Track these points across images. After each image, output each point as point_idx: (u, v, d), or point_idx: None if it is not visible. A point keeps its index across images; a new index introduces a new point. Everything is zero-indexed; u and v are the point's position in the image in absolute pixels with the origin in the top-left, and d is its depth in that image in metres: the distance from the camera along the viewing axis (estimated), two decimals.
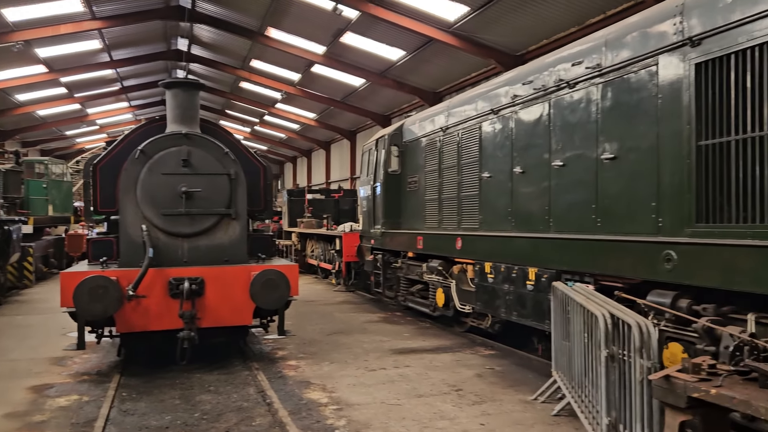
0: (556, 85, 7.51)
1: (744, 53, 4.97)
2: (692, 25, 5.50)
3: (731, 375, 3.61)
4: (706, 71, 5.34)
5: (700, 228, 5.32)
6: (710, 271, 5.07)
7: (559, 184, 7.41)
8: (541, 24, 14.97)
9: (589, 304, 4.89)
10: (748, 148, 4.91)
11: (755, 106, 4.86)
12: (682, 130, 5.55)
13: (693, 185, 5.40)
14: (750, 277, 4.70)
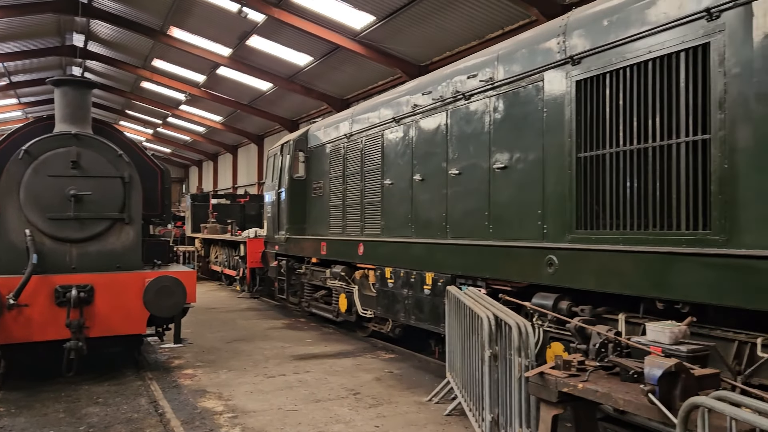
0: (453, 96, 7.78)
1: (617, 73, 5.39)
2: (573, 45, 5.89)
3: (597, 370, 3.90)
4: (586, 88, 5.73)
5: (579, 234, 5.68)
6: (587, 274, 5.44)
7: (456, 192, 7.67)
8: (444, 36, 15.45)
9: (476, 307, 5.11)
10: (620, 161, 5.32)
11: (626, 122, 5.27)
12: (564, 143, 5.92)
13: (573, 194, 5.77)
14: (620, 280, 5.09)
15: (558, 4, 12.15)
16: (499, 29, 14.21)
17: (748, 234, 4.25)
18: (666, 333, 3.67)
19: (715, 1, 4.57)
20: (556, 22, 6.31)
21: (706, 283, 4.39)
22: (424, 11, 14.40)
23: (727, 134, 4.43)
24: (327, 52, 19.08)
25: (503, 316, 4.60)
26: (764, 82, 4.21)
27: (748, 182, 4.28)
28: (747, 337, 4.26)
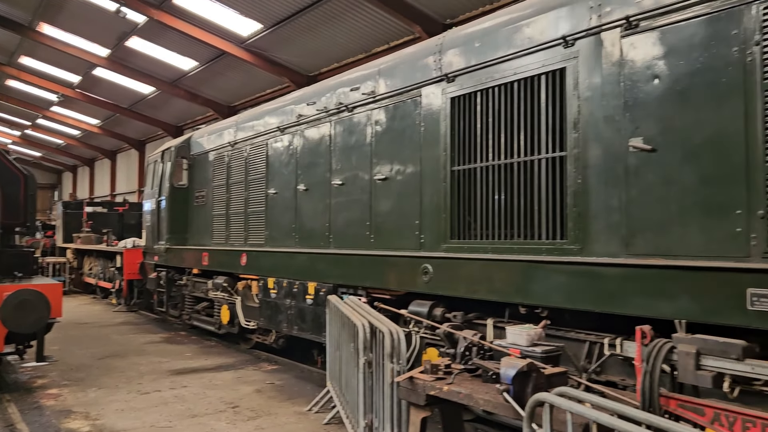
0: (337, 108, 7.88)
1: (487, 91, 5.72)
2: (448, 63, 6.18)
3: (462, 373, 4.11)
4: (459, 105, 6.02)
5: (453, 244, 5.95)
6: (459, 282, 5.71)
7: (339, 203, 7.76)
8: (332, 48, 15.60)
9: (353, 315, 5.20)
10: (490, 175, 5.64)
11: (495, 138, 5.60)
12: (439, 156, 6.18)
13: (448, 206, 6.04)
14: (488, 287, 5.39)
15: (440, 23, 12.67)
16: (384, 44, 14.57)
17: (598, 243, 4.66)
18: (523, 336, 3.94)
19: (570, 30, 4.99)
20: (433, 41, 6.60)
21: (561, 289, 4.75)
22: (311, 22, 14.48)
23: (580, 152, 4.84)
24: (212, 58, 18.64)
25: (377, 324, 4.73)
26: (611, 105, 4.65)
27: (598, 196, 4.70)
28: (596, 337, 4.65)
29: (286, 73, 17.43)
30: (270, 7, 14.37)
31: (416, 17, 12.57)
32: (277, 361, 9.59)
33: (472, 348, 4.30)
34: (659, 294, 4.09)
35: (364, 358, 4.75)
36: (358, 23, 14.02)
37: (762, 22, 3.81)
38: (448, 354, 4.62)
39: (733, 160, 3.91)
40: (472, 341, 4.31)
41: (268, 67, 17.25)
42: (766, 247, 3.70)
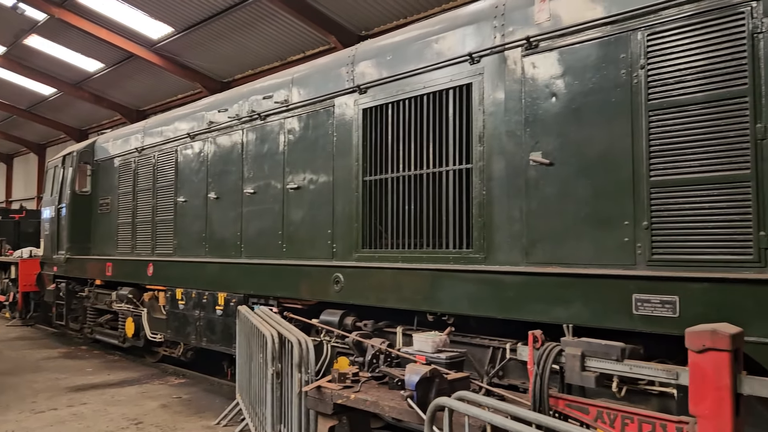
0: (249, 115, 7.78)
1: (398, 104, 5.83)
2: (361, 75, 6.26)
3: (369, 381, 4.16)
4: (371, 116, 6.11)
5: (364, 253, 6.00)
6: (369, 291, 5.76)
7: (251, 211, 7.65)
8: (246, 55, 15.39)
9: (262, 326, 5.14)
10: (401, 185, 5.75)
11: (406, 149, 5.72)
12: (352, 166, 6.23)
13: (360, 215, 6.09)
14: (397, 295, 5.48)
15: (355, 34, 12.80)
16: (300, 53, 14.55)
17: (501, 252, 4.85)
18: (429, 342, 4.04)
19: (476, 47, 5.19)
20: (346, 52, 6.67)
21: (467, 297, 4.91)
22: (225, 28, 14.23)
23: (485, 165, 5.03)
24: (120, 60, 17.91)
25: (287, 334, 4.70)
26: (513, 120, 4.87)
27: (501, 206, 4.89)
28: (499, 342, 4.83)
29: (199, 79, 17.01)
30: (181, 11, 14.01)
31: (332, 28, 12.64)
32: (185, 374, 9.29)
33: (380, 356, 4.36)
34: (556, 300, 4.31)
35: (273, 369, 4.70)
36: (273, 31, 13.92)
37: (647, 47, 4.12)
38: (357, 362, 4.66)
39: (621, 174, 4.19)
40: (379, 349, 4.37)
41: (179, 71, 16.77)
42: (650, 256, 3.99)
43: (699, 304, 3.63)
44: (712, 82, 3.83)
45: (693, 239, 3.84)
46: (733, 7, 3.78)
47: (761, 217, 3.57)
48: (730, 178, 3.70)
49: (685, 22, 3.96)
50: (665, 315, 3.73)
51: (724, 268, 3.66)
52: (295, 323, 5.91)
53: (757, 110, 3.63)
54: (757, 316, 3.42)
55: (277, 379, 4.68)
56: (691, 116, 3.90)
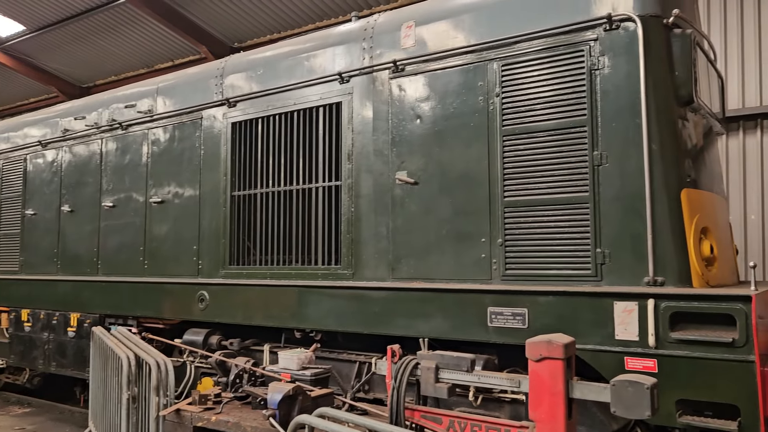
0: (109, 124, 7.34)
1: (269, 119, 5.79)
2: (230, 88, 6.14)
3: (233, 401, 4.06)
4: (241, 130, 6.00)
5: (231, 270, 5.85)
6: (236, 309, 5.63)
7: (109, 226, 7.20)
8: (110, 60, 14.51)
9: (118, 348, 4.84)
10: (270, 201, 5.69)
11: (276, 165, 5.68)
12: (220, 181, 6.08)
13: (227, 231, 5.94)
14: (265, 313, 5.39)
15: (227, 46, 12.53)
16: (169, 61, 13.96)
17: (368, 268, 4.94)
18: (294, 360, 4.02)
19: (346, 67, 5.29)
20: (215, 64, 6.51)
21: (334, 313, 4.94)
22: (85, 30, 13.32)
23: (354, 182, 5.12)
24: None
25: (144, 356, 4.45)
26: (380, 140, 5.00)
27: (369, 223, 4.99)
28: (365, 357, 4.90)
29: (54, 82, 15.75)
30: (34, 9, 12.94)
31: (203, 37, 12.28)
32: (30, 402, 8.48)
33: (244, 375, 4.26)
34: (419, 315, 4.46)
35: (128, 393, 4.43)
36: (139, 37, 13.24)
37: (501, 76, 4.42)
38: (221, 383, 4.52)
39: (479, 194, 4.44)
40: (243, 368, 4.27)
41: (32, 73, 15.43)
42: (504, 271, 4.25)
43: (545, 315, 3.92)
44: (557, 112, 4.18)
45: (541, 255, 4.15)
46: (575, 45, 4.16)
47: (598, 235, 3.94)
48: (572, 200, 4.05)
49: (535, 55, 4.31)
50: (516, 326, 3.99)
51: (567, 282, 3.99)
52: (155, 344, 5.62)
53: (595, 139, 4.01)
54: (594, 325, 3.76)
55: (133, 403, 4.41)
56: (539, 142, 4.23)
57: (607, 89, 4.00)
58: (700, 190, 4.11)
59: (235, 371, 4.28)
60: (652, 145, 3.83)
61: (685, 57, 3.97)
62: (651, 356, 3.55)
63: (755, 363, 3.23)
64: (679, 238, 3.75)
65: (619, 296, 3.71)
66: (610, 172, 3.95)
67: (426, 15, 4.94)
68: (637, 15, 3.92)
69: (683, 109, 4.07)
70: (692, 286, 3.68)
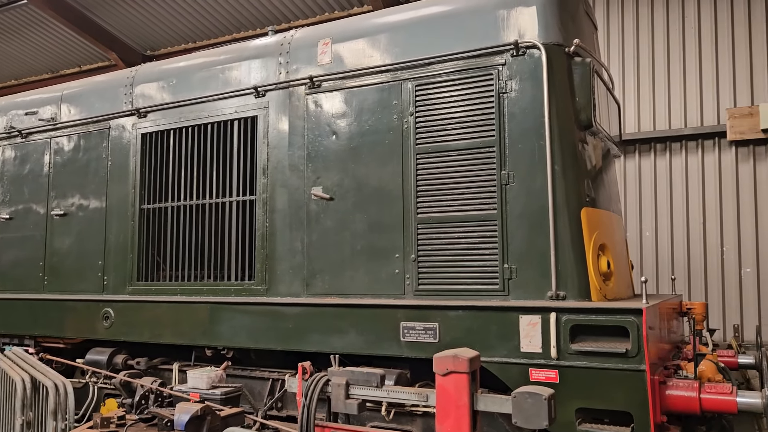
0: (7, 132, 6.93)
1: (182, 131, 5.65)
2: (140, 98, 5.95)
3: (137, 423, 3.90)
4: (151, 142, 5.82)
5: (139, 286, 5.64)
6: (144, 326, 5.41)
7: (5, 239, 6.76)
8: (9, 63, 13.70)
9: (12, 370, 4.54)
10: (182, 215, 5.54)
11: (188, 178, 5.55)
12: (128, 193, 5.85)
13: (136, 245, 5.73)
14: (175, 330, 5.23)
15: (140, 53, 12.14)
16: (76, 67, 13.34)
17: (282, 284, 4.90)
18: (203, 379, 3.92)
19: (262, 81, 5.26)
20: (125, 73, 6.30)
21: (247, 329, 4.86)
22: None
23: (268, 197, 5.08)
24: None
25: (41, 377, 4.20)
26: (296, 155, 4.99)
27: (283, 238, 4.96)
28: (278, 374, 4.85)
29: None
30: None
31: (113, 44, 11.82)
32: None
33: (150, 396, 4.11)
34: (333, 330, 4.47)
35: (22, 418, 4.15)
36: (43, 41, 12.59)
37: (415, 96, 4.54)
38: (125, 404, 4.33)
39: (393, 210, 4.52)
40: (150, 389, 4.12)
41: None
42: (417, 286, 4.34)
43: (455, 329, 4.03)
44: (468, 132, 4.33)
45: (452, 270, 4.26)
46: (485, 69, 4.34)
47: (505, 251, 4.10)
48: (481, 217, 4.20)
49: (448, 77, 4.45)
50: (427, 341, 4.07)
51: (476, 297, 4.12)
52: (55, 365, 5.32)
53: (502, 159, 4.19)
54: (501, 338, 3.90)
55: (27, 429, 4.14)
56: (451, 160, 4.36)
57: (514, 112, 4.20)
58: (598, 209, 4.37)
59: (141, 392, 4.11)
60: (555, 166, 4.04)
61: (585, 84, 4.23)
62: (553, 367, 3.72)
63: (646, 372, 3.46)
64: (579, 254, 3.97)
65: (524, 310, 3.87)
66: (516, 190, 4.13)
67: (343, 33, 5.01)
68: (542, 43, 4.14)
69: (583, 132, 4.33)
70: (591, 300, 3.90)
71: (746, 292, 7.56)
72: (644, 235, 8.07)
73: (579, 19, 4.62)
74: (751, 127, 7.43)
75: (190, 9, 10.80)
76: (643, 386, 3.46)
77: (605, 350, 3.57)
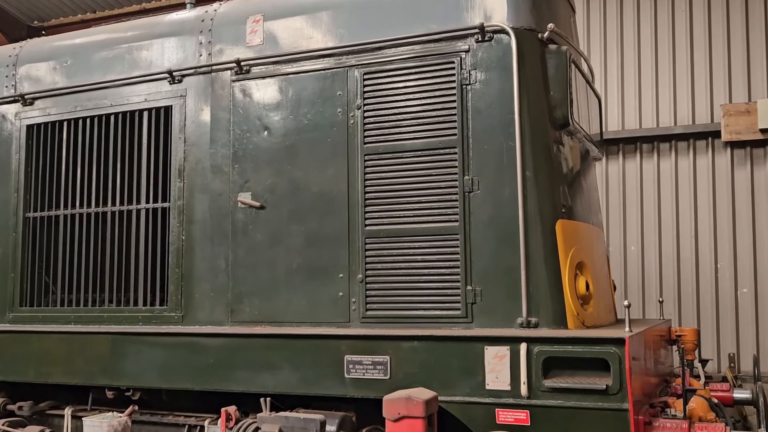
0: None
1: (77, 122, 5.54)
2: (26, 79, 5.81)
3: None
4: (39, 135, 5.68)
5: (23, 312, 5.50)
6: (28, 362, 5.26)
7: None
8: None
9: None
10: (77, 225, 5.42)
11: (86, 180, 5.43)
12: (9, 198, 5.71)
13: (18, 262, 5.57)
14: (67, 367, 5.10)
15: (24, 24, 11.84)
16: None
17: (202, 310, 4.86)
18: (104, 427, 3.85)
19: (178, 64, 5.22)
20: (6, 50, 6.15)
21: (158, 365, 4.78)
22: None
23: (186, 204, 5.03)
24: None
25: None
26: (220, 154, 4.96)
27: (204, 254, 4.92)
28: (197, 419, 4.79)
29: None
30: None
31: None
32: None
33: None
34: (264, 366, 4.44)
35: None
36: None
37: (363, 86, 4.58)
38: None
39: (336, 222, 4.55)
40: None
41: None
42: (365, 312, 4.37)
43: (410, 363, 4.06)
44: (426, 130, 4.40)
45: (407, 294, 4.32)
46: (445, 56, 4.42)
47: (468, 271, 4.17)
48: (441, 230, 4.27)
49: (402, 64, 4.52)
50: (377, 377, 4.09)
51: (435, 325, 4.18)
52: None
53: (465, 162, 4.27)
54: (463, 374, 3.95)
55: None
56: (406, 163, 4.43)
57: (479, 107, 4.29)
58: (575, 220, 4.51)
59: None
60: (526, 170, 4.14)
61: (561, 75, 4.35)
62: (523, 407, 3.79)
63: (629, 411, 3.57)
64: (553, 274, 4.07)
65: (490, 340, 3.93)
66: (481, 199, 4.22)
67: (277, 8, 5.01)
68: (511, 27, 4.24)
69: (559, 132, 4.46)
70: (567, 328, 4.00)
71: (743, 316, 7.83)
72: (629, 250, 8.33)
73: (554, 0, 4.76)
74: (748, 126, 7.71)
75: None
76: (626, 428, 3.57)
77: (583, 386, 3.67)
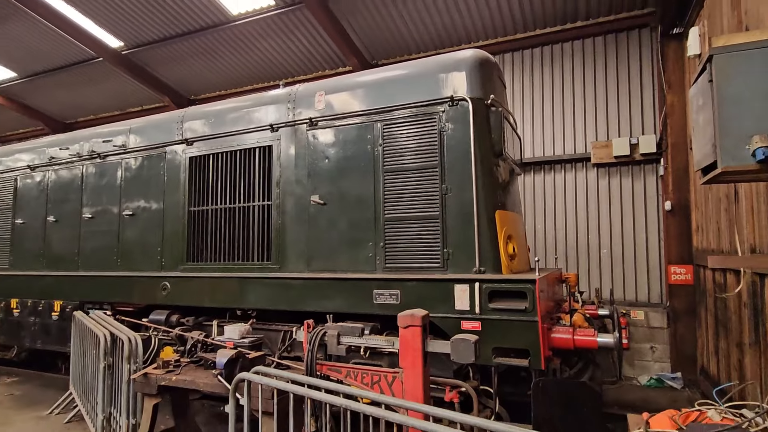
0: (89, 154, 6.80)
1: (217, 155, 5.63)
2: (188, 130, 5.92)
3: (189, 365, 3.91)
4: (196, 163, 5.79)
5: (188, 265, 5.63)
6: (191, 294, 5.41)
7: (88, 232, 6.64)
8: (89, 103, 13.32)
9: (96, 327, 4.50)
10: (219, 215, 5.53)
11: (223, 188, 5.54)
12: (180, 199, 5.82)
13: (185, 236, 5.70)
14: (213, 297, 5.23)
15: (185, 97, 11.95)
16: (138, 106, 13.05)
17: (291, 263, 4.95)
18: (236, 331, 3.95)
19: (276, 120, 5.28)
20: (177, 113, 6.24)
21: (266, 296, 4.89)
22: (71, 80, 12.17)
23: (281, 202, 5.11)
24: None
25: (117, 333, 4.18)
26: (300, 173, 5.03)
27: (291, 232, 5.01)
28: (288, 327, 4.90)
29: (41, 117, 14.19)
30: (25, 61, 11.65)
31: (166, 90, 11.62)
32: (18, 373, 7.58)
33: (198, 344, 4.12)
34: (326, 296, 4.54)
35: (104, 363, 4.13)
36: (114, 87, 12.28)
37: (383, 132, 4.62)
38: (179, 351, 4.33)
39: (367, 213, 4.60)
40: (197, 339, 4.13)
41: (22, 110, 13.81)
42: (384, 264, 4.44)
43: (411, 295, 4.14)
44: (419, 157, 4.44)
45: (409, 254, 4.37)
46: (431, 114, 4.45)
47: (445, 240, 4.22)
48: (428, 217, 4.32)
49: (405, 119, 4.55)
50: (392, 303, 4.17)
51: (425, 272, 4.24)
52: (126, 323, 5.28)
53: (443, 176, 4.30)
54: (442, 301, 4.02)
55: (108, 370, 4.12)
56: (408, 178, 4.47)
57: (451, 144, 4.32)
58: (507, 210, 4.53)
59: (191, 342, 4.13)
60: (478, 181, 4.17)
61: (498, 125, 4.37)
62: (477, 320, 3.86)
63: (538, 322, 3.61)
64: (493, 242, 4.11)
65: (458, 281, 4.00)
66: (452, 198, 4.26)
67: (333, 87, 5.06)
68: (469, 97, 4.26)
69: (496, 158, 4.47)
70: (502, 273, 4.04)
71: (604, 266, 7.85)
72: (536, 228, 8.29)
73: (494, 81, 4.76)
74: (607, 154, 7.74)
75: (223, 67, 10.68)
76: (536, 331, 3.62)
77: (511, 307, 3.72)
